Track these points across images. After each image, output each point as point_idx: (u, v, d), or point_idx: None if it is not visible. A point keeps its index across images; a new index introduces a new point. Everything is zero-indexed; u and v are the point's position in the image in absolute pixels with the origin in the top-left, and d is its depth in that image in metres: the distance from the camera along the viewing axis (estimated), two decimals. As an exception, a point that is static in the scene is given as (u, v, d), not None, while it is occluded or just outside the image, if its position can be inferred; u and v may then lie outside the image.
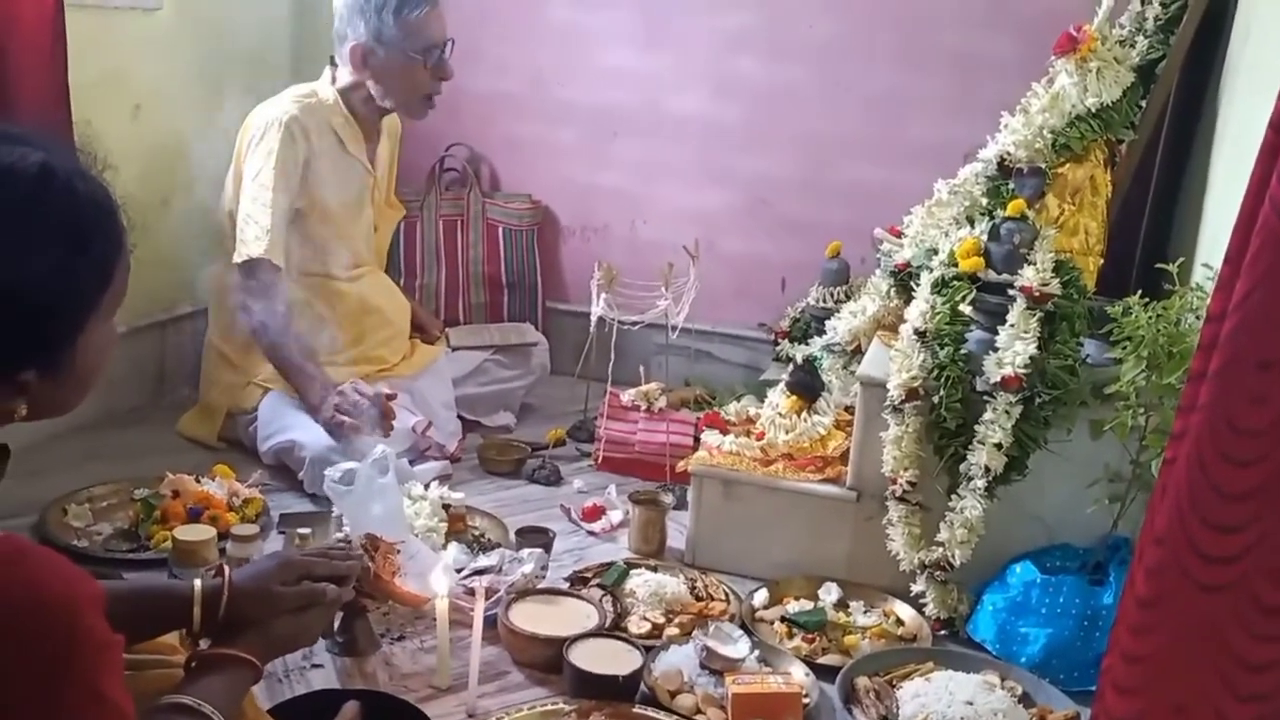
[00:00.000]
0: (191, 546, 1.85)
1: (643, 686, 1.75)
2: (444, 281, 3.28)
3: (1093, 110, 2.26)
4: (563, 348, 3.15)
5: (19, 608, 0.91)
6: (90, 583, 0.95)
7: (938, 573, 2.02)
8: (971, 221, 2.22)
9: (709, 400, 3.01)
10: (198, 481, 2.18)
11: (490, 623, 1.83)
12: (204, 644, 1.28)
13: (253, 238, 2.43)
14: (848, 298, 2.88)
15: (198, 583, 1.25)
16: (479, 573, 1.95)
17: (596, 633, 1.84)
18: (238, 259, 2.45)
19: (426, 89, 2.59)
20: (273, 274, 2.45)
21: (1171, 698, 1.00)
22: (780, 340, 2.99)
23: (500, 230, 3.30)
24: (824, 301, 2.91)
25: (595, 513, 2.40)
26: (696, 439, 2.54)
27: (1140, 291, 1.93)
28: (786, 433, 2.27)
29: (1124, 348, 1.86)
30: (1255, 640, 0.96)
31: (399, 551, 1.83)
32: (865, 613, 2.06)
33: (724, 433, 2.35)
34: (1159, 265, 1.90)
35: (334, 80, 2.59)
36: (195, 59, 2.83)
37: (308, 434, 2.37)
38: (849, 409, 2.35)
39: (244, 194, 2.47)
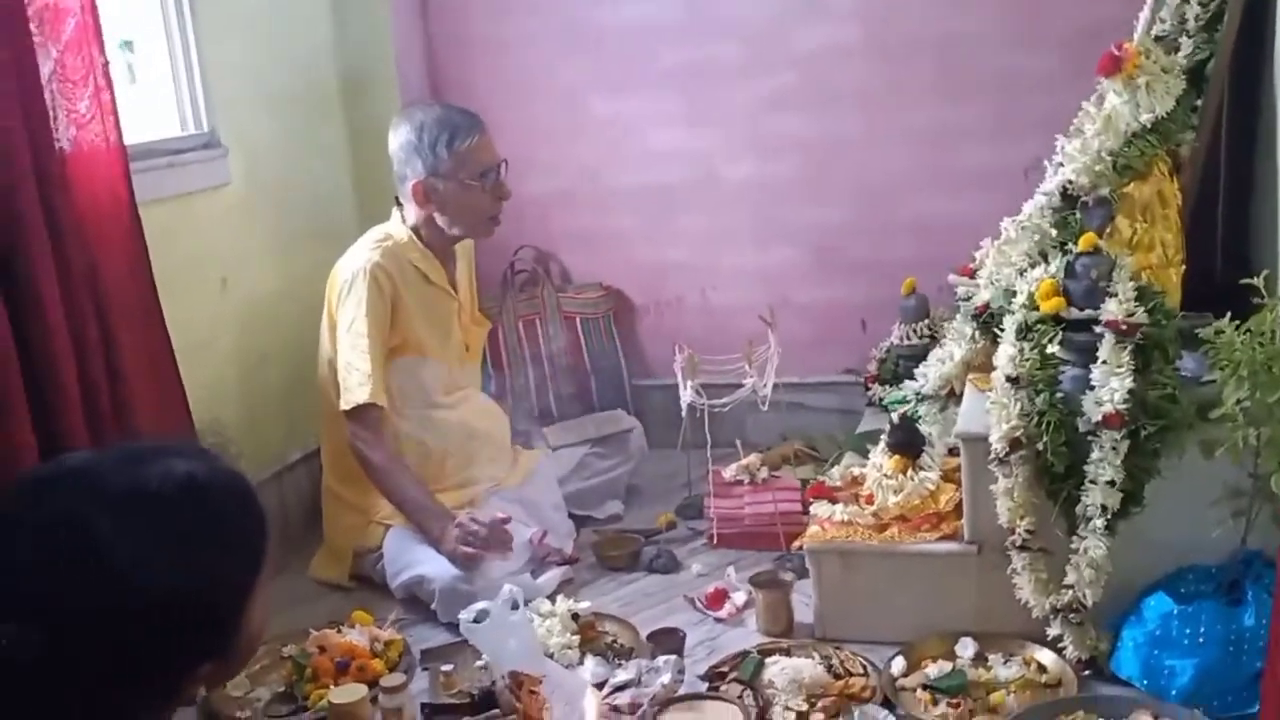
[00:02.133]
0: (347, 709, 1.93)
1: (800, 783, 1.77)
2: (532, 379, 3.36)
3: (1148, 125, 2.24)
4: (655, 422, 3.21)
5: None
6: None
7: (1072, 615, 2.01)
8: (1045, 256, 2.22)
9: (810, 452, 3.04)
10: (339, 633, 2.26)
11: (638, 737, 1.88)
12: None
13: (356, 384, 2.53)
14: (931, 332, 2.90)
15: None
16: (619, 689, 1.99)
17: (745, 735, 1.88)
18: (345, 406, 2.55)
19: (489, 210, 2.68)
20: (379, 415, 2.55)
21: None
22: (871, 385, 3.01)
23: (578, 320, 3.38)
24: (908, 339, 2.93)
25: (719, 598, 2.43)
26: (805, 502, 2.56)
27: (1227, 301, 1.91)
28: (895, 494, 2.28)
29: (1224, 369, 1.85)
30: None
31: (541, 684, 1.88)
32: (1005, 664, 2.06)
33: (833, 501, 2.37)
34: (1244, 281, 1.88)
35: (403, 219, 2.69)
36: (268, 224, 2.97)
37: (434, 566, 2.45)
38: (953, 452, 2.36)
39: (341, 343, 2.58)
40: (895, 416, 2.42)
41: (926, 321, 2.93)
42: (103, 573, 0.99)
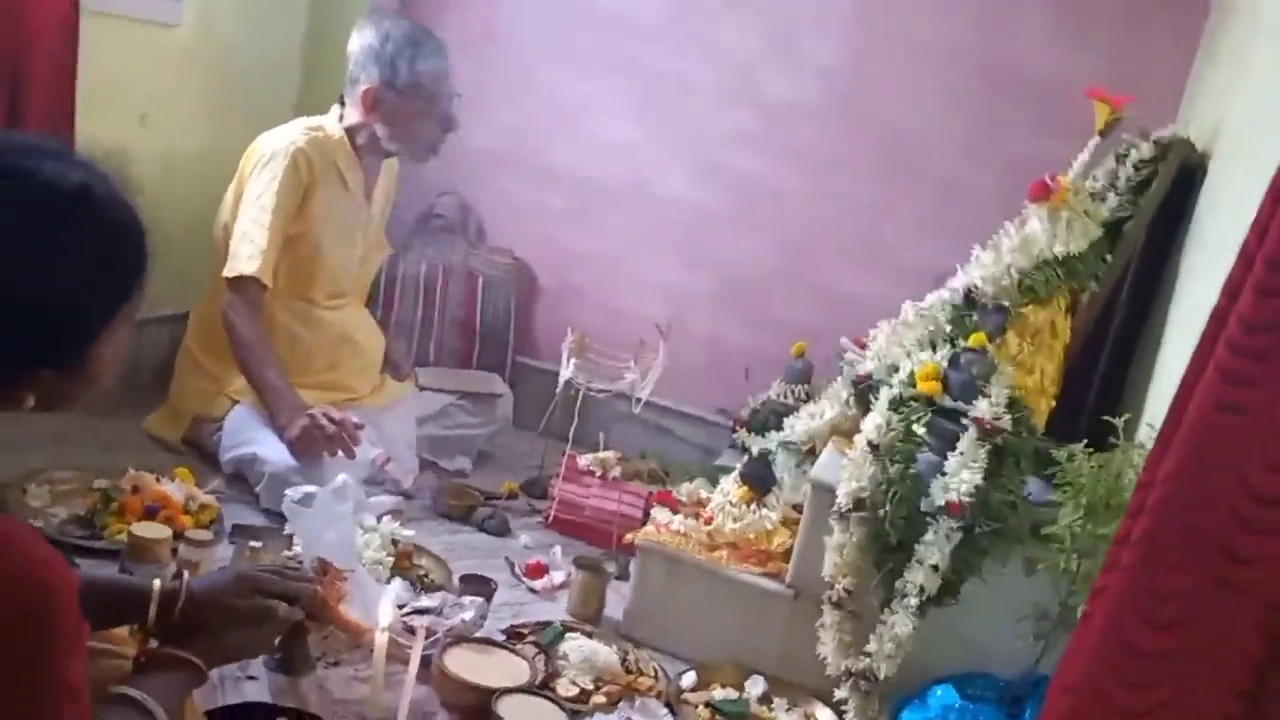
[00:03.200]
0: (146, 543, 1.89)
1: (564, 749, 1.79)
2: (419, 322, 3.34)
3: (1059, 258, 2.37)
4: (526, 402, 3.22)
5: (3, 588, 0.95)
6: (70, 571, 1.00)
7: (862, 682, 2.07)
8: (934, 346, 2.32)
9: (662, 476, 3.08)
10: (158, 481, 2.21)
11: (424, 663, 1.87)
12: (153, 643, 1.31)
13: (246, 255, 2.49)
14: (808, 397, 2.99)
15: (157, 583, 1.30)
16: (420, 612, 1.99)
17: (526, 689, 1.89)
18: (229, 273, 2.51)
19: (431, 137, 2.69)
20: (260, 292, 2.51)
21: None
22: (738, 429, 3.07)
23: (480, 281, 3.38)
24: (785, 397, 3.01)
25: (538, 570, 2.44)
26: (646, 512, 2.60)
27: (1087, 440, 2.03)
28: (734, 521, 2.34)
29: (1065, 492, 1.96)
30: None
31: (346, 579, 1.87)
32: (787, 711, 2.12)
33: (674, 511, 2.42)
34: (1106, 418, 2.00)
35: (341, 118, 2.67)
36: (206, 80, 2.91)
37: (271, 450, 2.41)
38: (797, 507, 2.43)
39: (243, 212, 2.54)
40: (754, 450, 2.49)
41: (806, 386, 3.02)
42: None
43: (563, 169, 3.37)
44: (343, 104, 2.69)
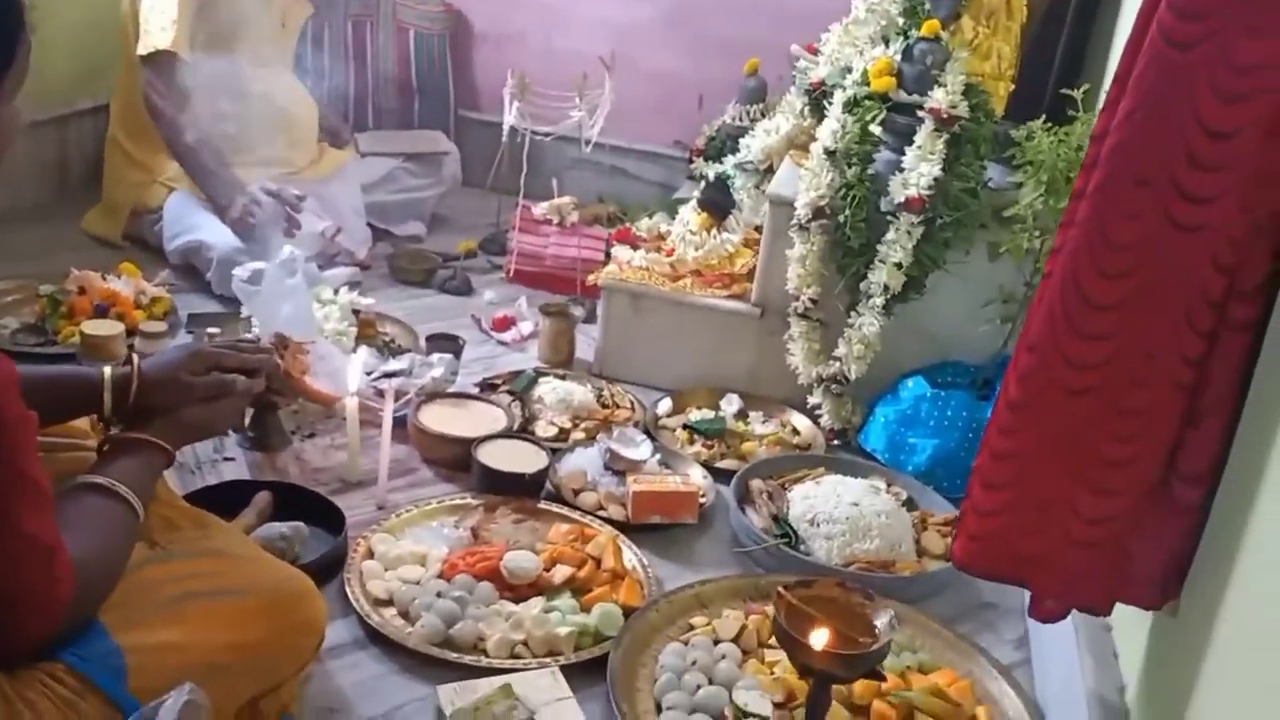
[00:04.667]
0: (100, 340, 1.85)
1: (548, 485, 1.82)
2: (353, 84, 3.18)
3: (1015, -71, 2.25)
4: (475, 158, 3.10)
5: None
6: (4, 362, 0.96)
7: (834, 386, 2.11)
8: (887, 41, 2.22)
9: (621, 217, 3.02)
10: (104, 279, 2.15)
11: (400, 424, 1.88)
12: (116, 431, 1.29)
13: (158, 29, 2.33)
14: (764, 116, 2.89)
15: (107, 369, 1.26)
16: (389, 375, 1.97)
17: (505, 434, 1.90)
18: (142, 50, 2.36)
19: None
20: (178, 67, 2.37)
21: (1035, 492, 1.09)
22: (695, 158, 2.99)
23: (411, 33, 3.19)
24: (741, 120, 2.91)
25: (505, 323, 2.43)
26: (608, 254, 2.56)
27: (1047, 118, 1.97)
28: (696, 249, 2.30)
29: (1025, 171, 1.92)
30: (1114, 440, 1.05)
31: (309, 351, 1.84)
32: (764, 422, 2.15)
33: (635, 248, 2.38)
34: (1065, 91, 1.93)
35: None
36: None
37: (215, 234, 2.34)
38: (759, 228, 2.39)
39: (147, -18, 2.35)
40: (711, 174, 2.42)
41: (762, 105, 2.91)
42: None
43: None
44: None
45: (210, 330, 2.05)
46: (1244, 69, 0.96)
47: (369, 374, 1.99)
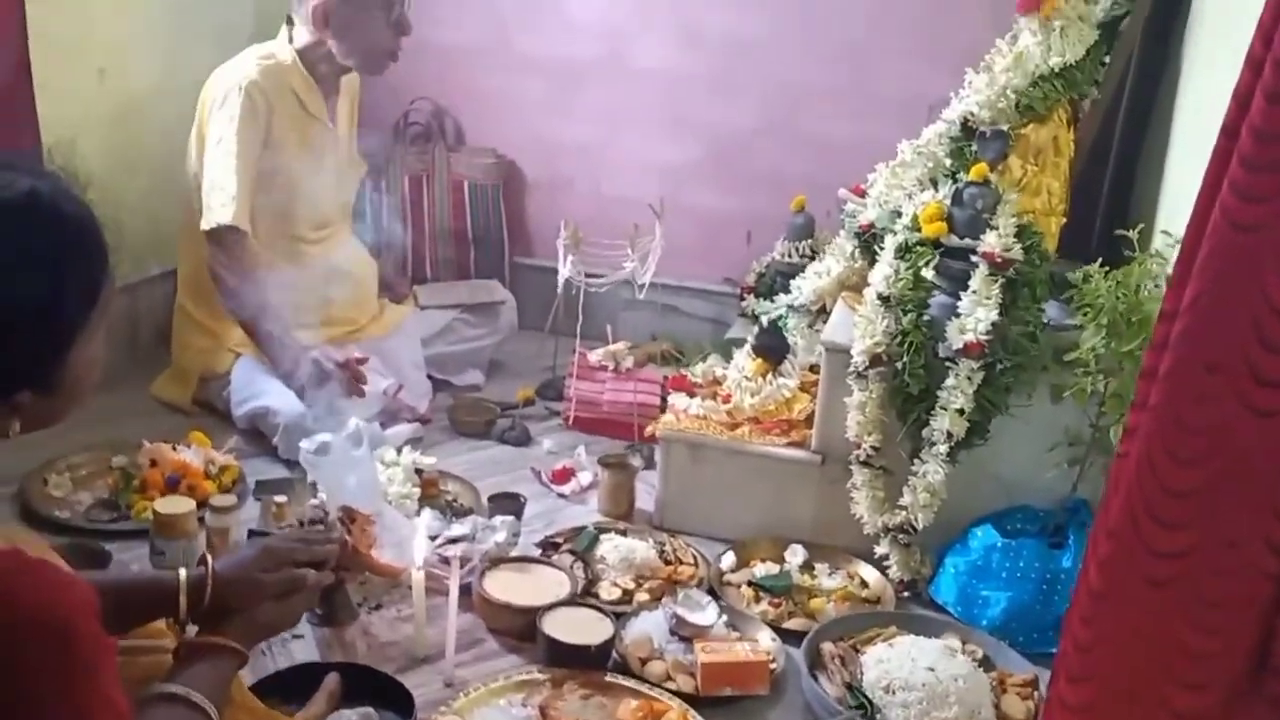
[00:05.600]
0: (172, 519, 1.88)
1: (614, 654, 1.79)
2: (410, 238, 3.26)
3: (1056, 70, 2.27)
4: (529, 303, 3.15)
5: (16, 623, 0.93)
6: (83, 589, 0.97)
7: (901, 536, 2.07)
8: (935, 183, 2.24)
9: (676, 355, 3.04)
10: (174, 450, 2.19)
11: (465, 591, 1.87)
12: (191, 630, 1.30)
13: (219, 205, 2.41)
14: (813, 252, 2.92)
15: (183, 573, 1.28)
16: (453, 541, 1.97)
17: (569, 601, 1.88)
18: (205, 226, 2.44)
19: (388, 45, 2.57)
20: (240, 240, 2.44)
21: (1120, 685, 1.05)
22: (746, 296, 3.02)
23: (466, 185, 3.28)
24: (789, 256, 2.94)
25: (565, 475, 2.43)
26: (664, 397, 2.57)
27: (1101, 256, 1.96)
28: (752, 396, 2.30)
29: (1084, 314, 1.90)
30: (1199, 631, 1.01)
31: (374, 523, 1.85)
32: (830, 575, 2.11)
33: (691, 395, 2.39)
34: (1119, 232, 1.93)
35: (291, 40, 2.55)
36: (156, 13, 2.79)
37: (281, 400, 2.38)
38: (814, 369, 2.39)
39: (208, 160, 2.45)
40: (764, 320, 2.44)
41: (810, 241, 2.94)
42: None
43: (535, 55, 3.22)
44: (290, 24, 2.57)
45: (277, 498, 2.08)
46: (1310, 253, 0.95)
47: (433, 539, 2.00)
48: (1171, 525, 1.02)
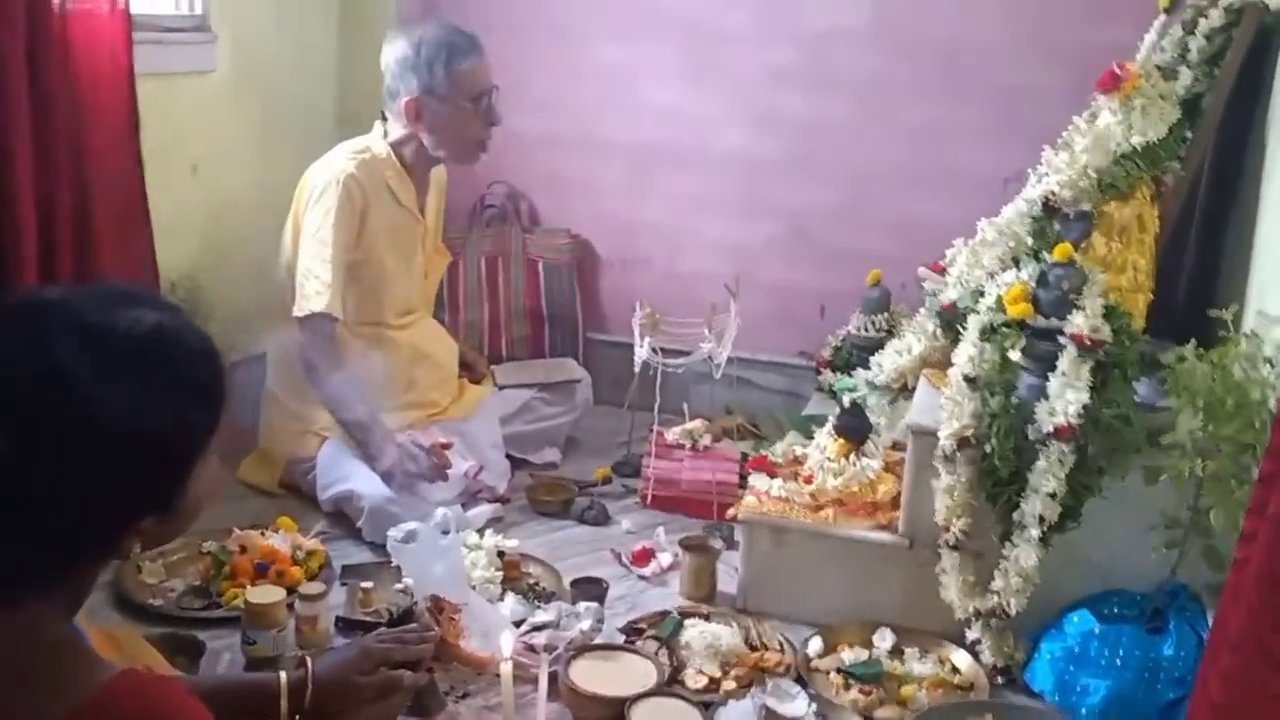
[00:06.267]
0: (263, 609, 1.90)
1: (704, 746, 1.77)
2: (487, 317, 3.32)
3: (1138, 148, 2.25)
4: (604, 378, 3.18)
5: None
6: (201, 710, 0.99)
7: (994, 620, 2.03)
8: (1017, 262, 2.22)
9: (752, 429, 3.04)
10: (263, 535, 2.22)
11: (551, 679, 1.86)
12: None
13: (314, 292, 2.48)
14: (889, 326, 2.92)
15: (284, 676, 1.30)
16: (538, 629, 1.98)
17: (655, 691, 1.87)
18: (299, 313, 2.50)
19: (478, 135, 2.64)
20: (332, 327, 2.51)
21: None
22: (822, 370, 3.02)
23: (541, 265, 3.34)
24: (865, 330, 2.94)
25: (645, 556, 2.42)
26: (743, 475, 2.56)
27: (1189, 334, 1.93)
28: (835, 477, 2.28)
29: (1180, 397, 1.86)
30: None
31: (461, 612, 1.86)
32: (920, 660, 2.07)
33: (772, 476, 2.37)
34: (1213, 312, 1.90)
35: (385, 135, 2.63)
36: (248, 119, 2.92)
37: (366, 484, 2.42)
38: (897, 446, 2.37)
39: (303, 249, 2.52)
40: (846, 401, 2.42)
41: (886, 315, 2.95)
42: (63, 399, 0.97)
43: (609, 139, 3.29)
44: (384, 119, 2.65)
45: (364, 584, 2.10)
46: None
47: (517, 624, 2.01)
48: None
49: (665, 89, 3.22)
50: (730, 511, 2.35)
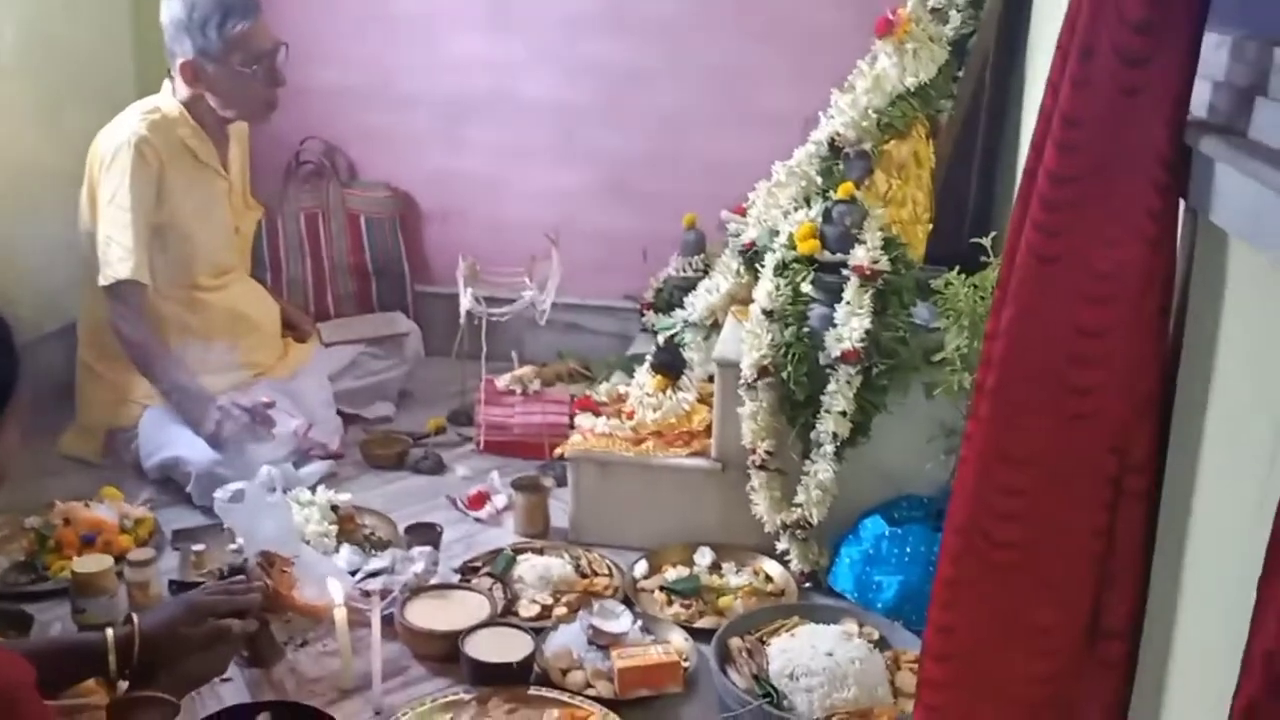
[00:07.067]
0: (91, 578, 1.92)
1: (536, 668, 1.89)
2: (310, 275, 3.32)
3: (912, 89, 2.43)
4: (435, 330, 3.23)
5: None
6: (22, 665, 1.04)
7: (799, 531, 2.21)
8: (809, 201, 2.38)
9: (583, 372, 3.15)
10: (87, 506, 2.22)
11: (388, 621, 1.95)
12: (122, 686, 1.37)
13: (117, 259, 2.45)
14: (706, 266, 3.05)
15: (110, 633, 1.34)
16: (373, 574, 2.05)
17: (489, 622, 1.98)
18: (104, 281, 2.47)
19: (263, 97, 2.63)
20: (140, 293, 2.48)
21: (978, 660, 1.19)
22: (646, 311, 3.14)
23: (362, 219, 3.35)
24: (684, 271, 3.07)
25: (480, 500, 2.52)
26: (572, 417, 2.67)
27: (966, 261, 2.12)
28: (654, 411, 2.41)
29: (948, 318, 2.06)
30: (1041, 606, 1.16)
31: (293, 564, 1.92)
32: (737, 573, 2.24)
33: (596, 415, 2.49)
34: (974, 240, 2.09)
35: (174, 93, 2.60)
36: (38, 78, 2.81)
37: (191, 449, 2.43)
38: (711, 380, 2.52)
39: (102, 217, 2.49)
40: (661, 339, 2.55)
41: (702, 256, 3.07)
42: None
43: (422, 92, 3.30)
44: (172, 78, 2.61)
45: (195, 547, 2.14)
46: (1102, 275, 1.10)
47: (353, 574, 2.08)
48: (1007, 517, 1.16)
49: (469, 36, 3.25)
50: (558, 450, 2.47)
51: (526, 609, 2.08)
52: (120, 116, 2.57)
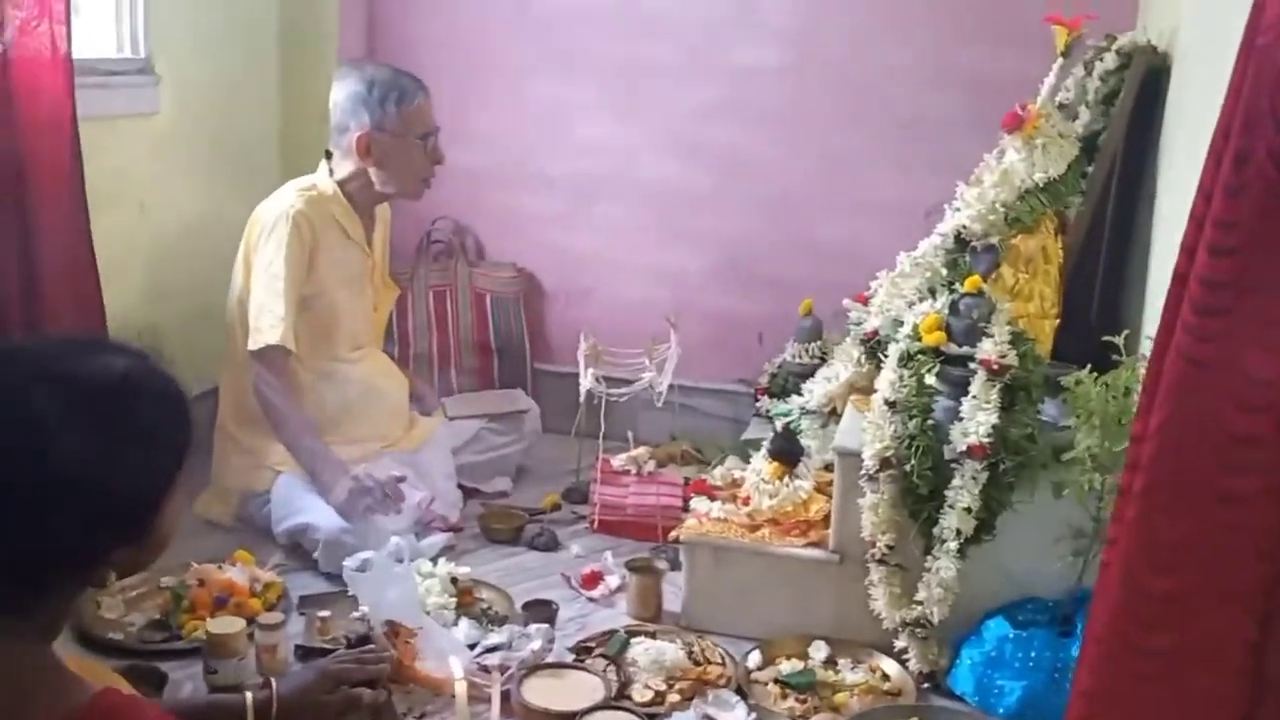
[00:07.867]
0: (224, 639, 1.99)
1: (649, 755, 1.88)
2: (436, 350, 3.43)
3: (1040, 184, 2.41)
4: (552, 407, 3.29)
5: None
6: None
7: (918, 630, 2.16)
8: (933, 293, 2.38)
9: (695, 455, 3.16)
10: (220, 569, 2.30)
11: (504, 698, 1.97)
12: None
13: (268, 325, 2.57)
14: (822, 353, 3.05)
15: (250, 696, 1.39)
16: (491, 650, 2.08)
17: (604, 705, 1.98)
18: (253, 346, 2.59)
19: (424, 172, 2.77)
20: (286, 359, 2.60)
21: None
22: (760, 397, 3.14)
23: (488, 298, 3.45)
24: (800, 358, 3.07)
25: (594, 580, 2.53)
26: (686, 500, 2.68)
27: (1094, 358, 2.09)
28: (770, 498, 2.41)
29: (1078, 416, 2.02)
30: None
31: (416, 635, 1.96)
32: (853, 669, 2.20)
33: (711, 499, 2.50)
34: (1106, 338, 2.05)
35: (331, 172, 2.74)
36: (192, 156, 3.01)
37: (321, 516, 2.50)
38: (828, 468, 2.50)
39: (256, 284, 2.62)
40: (779, 426, 2.56)
41: (819, 343, 3.07)
42: (37, 445, 1.06)
43: (549, 174, 3.42)
44: (329, 158, 2.76)
45: (321, 613, 2.19)
46: (1258, 382, 1.08)
47: (471, 647, 2.11)
48: (1153, 626, 1.12)
49: (595, 120, 3.36)
50: (672, 534, 2.47)
51: (640, 694, 2.08)
52: (279, 192, 2.72)
